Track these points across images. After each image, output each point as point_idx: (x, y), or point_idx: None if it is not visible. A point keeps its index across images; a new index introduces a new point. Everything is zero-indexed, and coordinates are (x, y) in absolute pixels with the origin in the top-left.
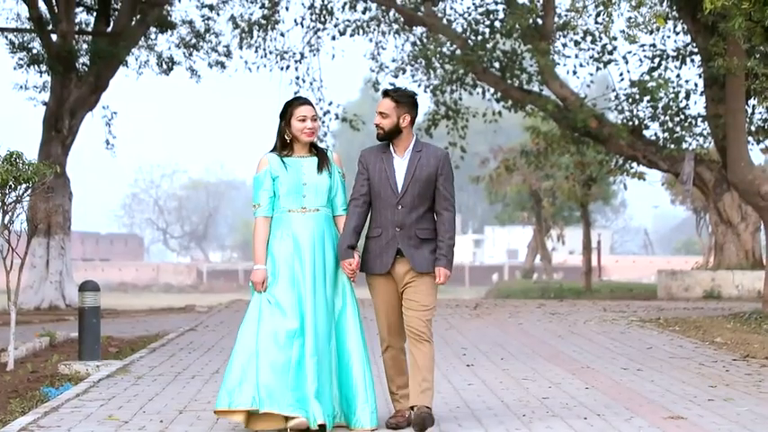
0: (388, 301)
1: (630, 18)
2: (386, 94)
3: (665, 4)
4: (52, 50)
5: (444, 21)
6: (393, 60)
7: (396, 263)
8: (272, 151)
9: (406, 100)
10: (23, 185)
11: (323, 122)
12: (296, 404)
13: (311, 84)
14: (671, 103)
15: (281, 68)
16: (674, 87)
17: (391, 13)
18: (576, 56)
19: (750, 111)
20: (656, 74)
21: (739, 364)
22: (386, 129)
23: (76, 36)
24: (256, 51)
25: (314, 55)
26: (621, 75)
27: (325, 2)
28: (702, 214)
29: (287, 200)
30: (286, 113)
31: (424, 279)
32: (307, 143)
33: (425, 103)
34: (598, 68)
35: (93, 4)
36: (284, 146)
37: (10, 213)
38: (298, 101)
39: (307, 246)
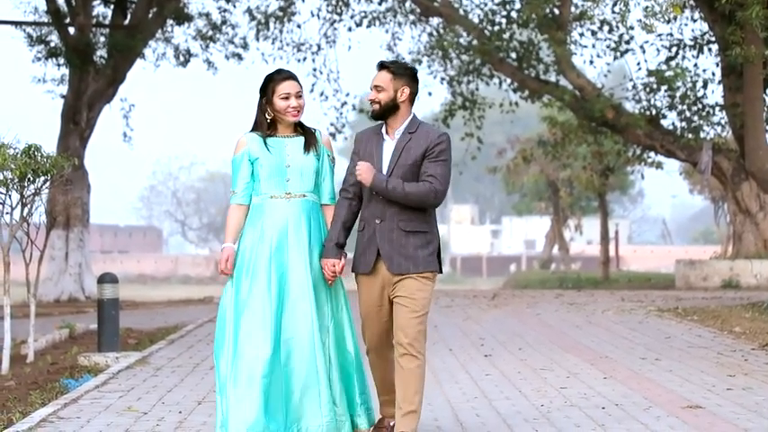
0: (374, 306)
1: (647, 7)
2: (382, 66)
3: None
4: (70, 43)
5: (461, 11)
6: (409, 51)
7: (379, 262)
8: (252, 130)
9: (403, 72)
10: (42, 178)
11: (340, 114)
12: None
13: (328, 75)
14: (688, 93)
15: (298, 60)
16: (691, 76)
17: (407, 4)
18: (593, 45)
19: None
20: (673, 63)
21: (758, 354)
22: (382, 103)
23: (94, 29)
24: (273, 43)
25: (330, 46)
26: (639, 64)
27: None
28: (720, 203)
29: (269, 184)
30: (267, 89)
31: (416, 279)
32: (291, 123)
33: (442, 94)
34: (615, 58)
35: None
36: (266, 125)
37: (29, 206)
38: (279, 75)
39: (288, 238)
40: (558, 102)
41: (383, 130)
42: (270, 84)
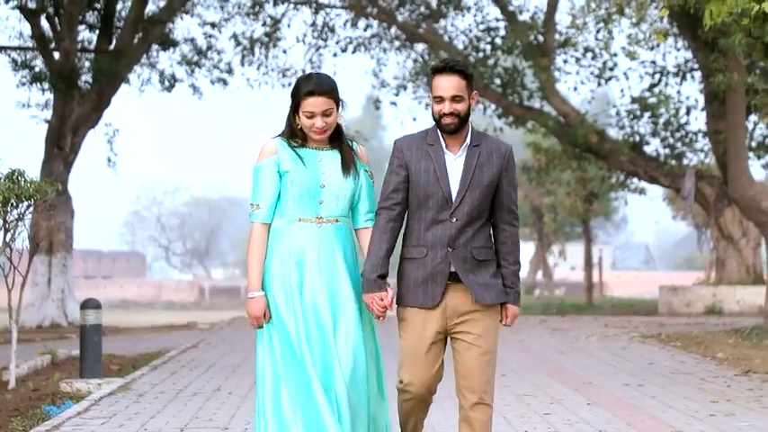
0: (427, 343)
1: (631, 35)
2: (449, 69)
3: (665, 20)
4: (54, 68)
5: (446, 37)
6: (395, 77)
7: (447, 292)
8: (279, 135)
9: (471, 73)
10: (25, 203)
11: None
12: None
13: None
14: (671, 119)
15: (283, 85)
16: (674, 103)
17: (392, 30)
18: (577, 72)
19: (751, 126)
20: (656, 90)
21: (741, 380)
22: (462, 115)
23: (79, 54)
24: (258, 68)
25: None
26: (622, 91)
27: (327, 19)
28: (704, 230)
29: (299, 205)
30: (295, 98)
31: (487, 313)
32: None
33: (427, 120)
34: (599, 85)
35: (96, 22)
36: (294, 134)
37: (12, 231)
38: (305, 88)
39: (317, 271)
40: (543, 128)
41: (441, 143)
42: (297, 95)
